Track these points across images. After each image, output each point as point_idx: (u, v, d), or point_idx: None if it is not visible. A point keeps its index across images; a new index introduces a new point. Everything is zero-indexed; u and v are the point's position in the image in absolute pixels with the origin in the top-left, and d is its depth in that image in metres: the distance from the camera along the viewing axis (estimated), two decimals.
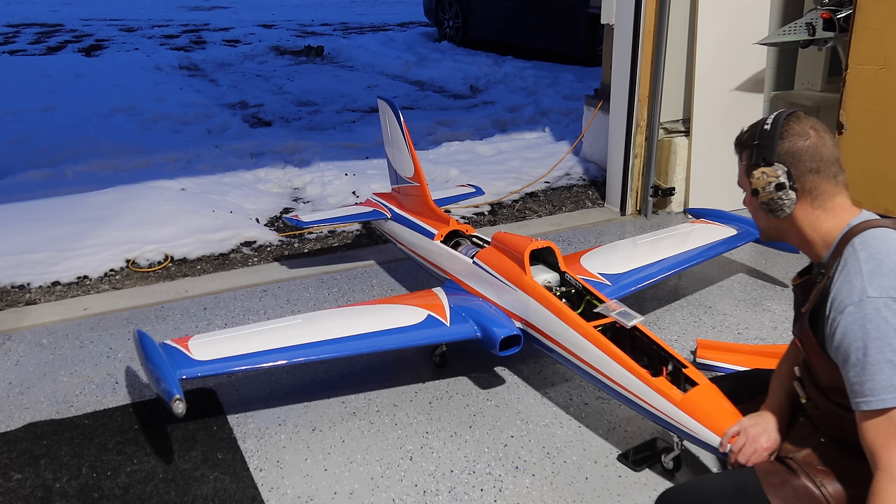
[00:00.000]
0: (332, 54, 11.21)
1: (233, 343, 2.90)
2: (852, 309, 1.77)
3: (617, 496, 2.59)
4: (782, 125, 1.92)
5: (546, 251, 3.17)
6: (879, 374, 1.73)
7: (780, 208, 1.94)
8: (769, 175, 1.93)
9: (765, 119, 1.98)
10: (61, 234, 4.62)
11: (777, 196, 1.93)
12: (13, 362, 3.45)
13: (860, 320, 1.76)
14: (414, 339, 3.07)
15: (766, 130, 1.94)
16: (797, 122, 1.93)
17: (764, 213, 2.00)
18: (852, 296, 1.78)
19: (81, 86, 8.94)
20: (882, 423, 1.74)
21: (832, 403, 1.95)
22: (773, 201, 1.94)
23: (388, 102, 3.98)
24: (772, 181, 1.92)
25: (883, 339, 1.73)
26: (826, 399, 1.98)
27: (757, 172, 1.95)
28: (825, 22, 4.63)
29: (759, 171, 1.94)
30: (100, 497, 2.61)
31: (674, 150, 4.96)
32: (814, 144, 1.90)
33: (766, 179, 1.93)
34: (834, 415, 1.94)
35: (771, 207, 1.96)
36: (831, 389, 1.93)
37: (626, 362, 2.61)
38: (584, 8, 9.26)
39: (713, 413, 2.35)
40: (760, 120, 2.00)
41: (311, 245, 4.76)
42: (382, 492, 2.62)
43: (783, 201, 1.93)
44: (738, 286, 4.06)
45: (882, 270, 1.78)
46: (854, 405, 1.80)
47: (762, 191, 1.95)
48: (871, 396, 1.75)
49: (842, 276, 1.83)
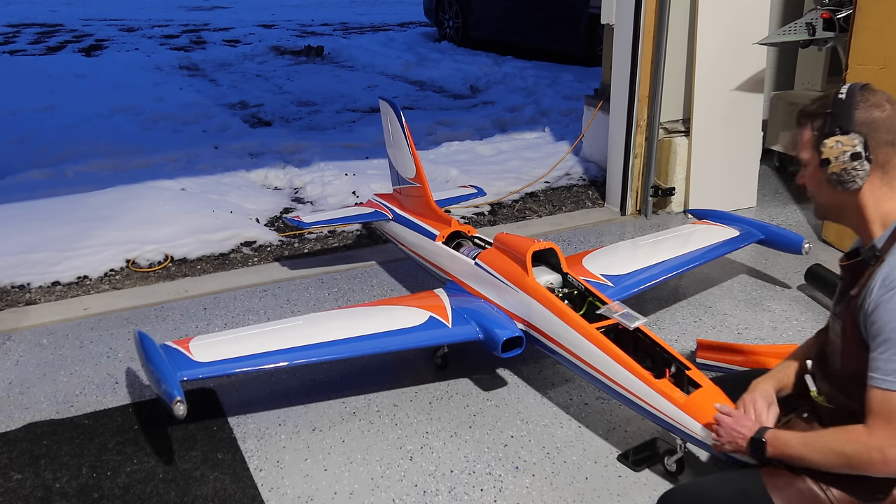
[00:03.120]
0: (332, 54, 11.21)
1: (233, 344, 2.90)
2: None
3: (617, 496, 2.59)
4: (858, 95, 1.88)
5: (548, 252, 3.17)
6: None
7: (853, 179, 1.88)
8: (845, 144, 1.86)
9: (837, 89, 1.93)
10: (61, 234, 4.62)
11: (851, 166, 1.86)
12: (13, 362, 3.45)
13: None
14: (416, 341, 3.07)
15: (842, 100, 1.89)
16: (872, 94, 1.89)
17: (830, 187, 1.93)
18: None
19: (81, 86, 8.94)
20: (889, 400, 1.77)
21: (845, 397, 1.94)
22: (847, 171, 1.87)
23: (390, 103, 3.98)
24: (847, 150, 1.86)
25: None
26: (840, 393, 1.97)
27: (830, 141, 1.88)
28: (825, 22, 4.63)
29: (834, 139, 1.88)
30: (100, 497, 2.61)
31: (674, 150, 4.96)
32: (890, 116, 1.86)
33: (840, 148, 1.87)
34: (845, 411, 1.93)
35: (842, 179, 1.89)
36: (850, 379, 1.91)
37: (629, 364, 2.61)
38: (584, 8, 9.26)
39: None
40: (831, 90, 1.96)
41: (312, 245, 4.76)
42: (382, 492, 2.62)
43: (857, 172, 1.87)
44: (738, 286, 4.06)
45: None
46: (871, 380, 1.81)
47: (834, 160, 1.87)
48: (890, 376, 1.77)
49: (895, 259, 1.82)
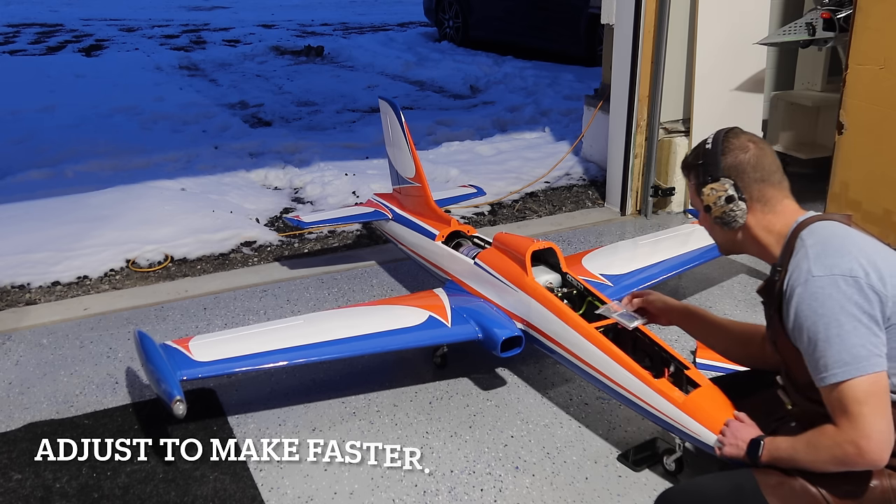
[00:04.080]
0: (332, 54, 11.20)
1: (233, 344, 2.90)
2: (800, 290, 1.86)
3: (617, 496, 2.59)
4: (722, 142, 2.04)
5: (547, 252, 3.17)
6: (829, 349, 1.81)
7: (734, 219, 2.04)
8: (718, 190, 2.04)
9: (706, 140, 2.09)
10: (61, 234, 4.62)
11: (728, 209, 2.04)
12: (13, 362, 3.45)
13: (807, 299, 1.84)
14: (415, 340, 3.07)
15: (709, 149, 2.06)
16: (736, 138, 2.05)
17: (720, 228, 2.10)
18: (800, 277, 1.87)
19: (81, 86, 8.93)
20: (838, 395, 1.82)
21: (812, 402, 1.98)
22: (726, 213, 2.04)
23: (390, 103, 3.98)
24: (721, 195, 2.03)
25: (829, 316, 1.82)
26: (806, 399, 2.01)
27: (706, 189, 2.06)
28: (825, 22, 4.63)
29: (708, 187, 2.05)
30: (100, 497, 2.61)
31: (674, 150, 4.96)
32: (755, 155, 2.02)
33: (715, 195, 2.04)
34: (818, 414, 1.96)
35: (725, 220, 2.06)
36: (808, 386, 1.95)
37: (628, 364, 2.61)
38: (584, 8, 9.25)
39: (715, 415, 2.34)
40: (702, 141, 2.11)
41: (312, 245, 4.76)
42: (382, 492, 2.62)
43: (735, 212, 2.03)
44: (738, 286, 4.06)
45: (827, 252, 1.87)
46: (817, 382, 1.87)
47: (714, 206, 2.05)
48: (826, 372, 1.83)
49: (792, 265, 1.92)
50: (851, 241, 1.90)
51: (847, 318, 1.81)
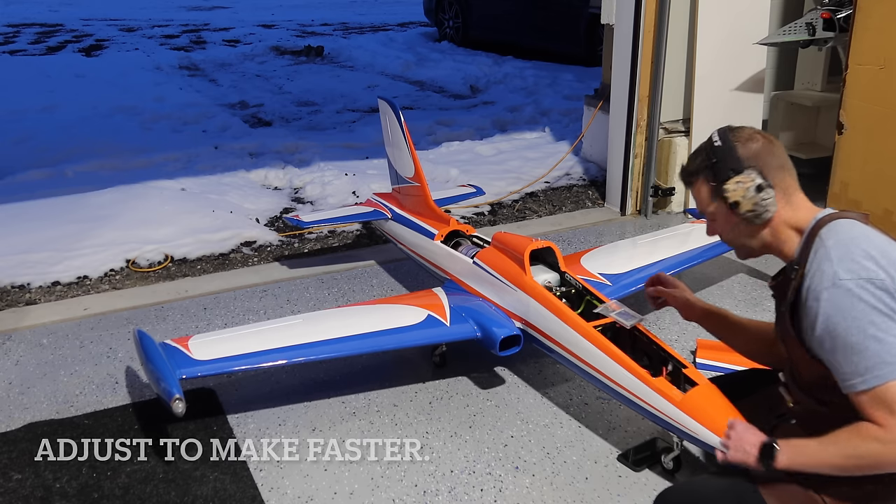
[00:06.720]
0: (332, 54, 11.21)
1: (233, 343, 2.91)
2: (826, 294, 1.81)
3: (617, 496, 2.59)
4: (731, 136, 1.96)
5: (546, 251, 3.17)
6: (867, 351, 1.76)
7: (766, 209, 1.93)
8: (745, 181, 1.92)
9: (709, 140, 2.00)
10: (61, 234, 4.62)
11: (759, 199, 1.91)
12: (13, 362, 3.45)
13: (837, 304, 1.79)
14: (414, 339, 3.07)
15: (719, 146, 1.96)
16: (741, 130, 1.97)
17: (746, 225, 1.98)
18: (824, 281, 1.81)
19: (81, 86, 8.94)
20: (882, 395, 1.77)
21: (815, 401, 1.97)
22: (758, 205, 1.92)
23: (389, 103, 3.98)
24: (749, 185, 1.91)
25: (863, 318, 1.77)
26: (810, 398, 1.99)
27: (730, 185, 1.93)
28: (825, 22, 4.63)
29: (733, 182, 1.93)
30: (100, 497, 2.62)
31: (674, 150, 4.96)
32: (767, 144, 1.95)
33: (743, 187, 1.92)
34: (818, 414, 1.95)
35: (757, 212, 1.93)
36: (813, 385, 1.94)
37: (626, 362, 2.61)
38: (584, 8, 9.25)
39: (713, 413, 2.34)
40: (703, 144, 2.02)
41: (311, 245, 4.76)
42: (382, 492, 2.62)
43: (766, 201, 1.92)
44: (738, 286, 4.06)
45: (850, 255, 1.81)
46: (849, 388, 1.81)
47: (743, 199, 1.93)
48: (867, 374, 1.77)
49: (814, 266, 1.86)
50: (872, 243, 1.85)
51: (882, 318, 1.76)
